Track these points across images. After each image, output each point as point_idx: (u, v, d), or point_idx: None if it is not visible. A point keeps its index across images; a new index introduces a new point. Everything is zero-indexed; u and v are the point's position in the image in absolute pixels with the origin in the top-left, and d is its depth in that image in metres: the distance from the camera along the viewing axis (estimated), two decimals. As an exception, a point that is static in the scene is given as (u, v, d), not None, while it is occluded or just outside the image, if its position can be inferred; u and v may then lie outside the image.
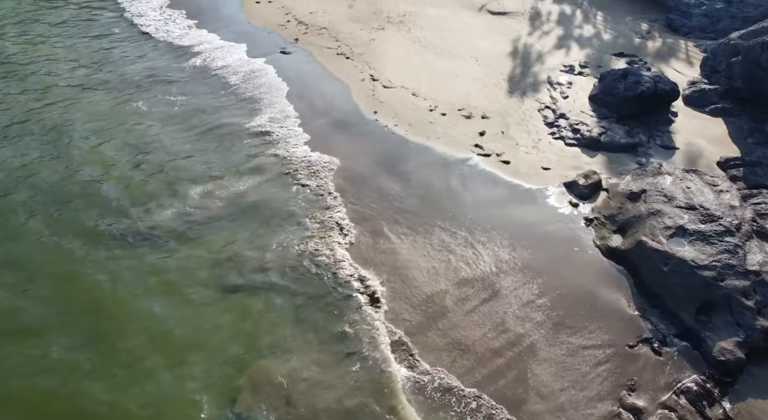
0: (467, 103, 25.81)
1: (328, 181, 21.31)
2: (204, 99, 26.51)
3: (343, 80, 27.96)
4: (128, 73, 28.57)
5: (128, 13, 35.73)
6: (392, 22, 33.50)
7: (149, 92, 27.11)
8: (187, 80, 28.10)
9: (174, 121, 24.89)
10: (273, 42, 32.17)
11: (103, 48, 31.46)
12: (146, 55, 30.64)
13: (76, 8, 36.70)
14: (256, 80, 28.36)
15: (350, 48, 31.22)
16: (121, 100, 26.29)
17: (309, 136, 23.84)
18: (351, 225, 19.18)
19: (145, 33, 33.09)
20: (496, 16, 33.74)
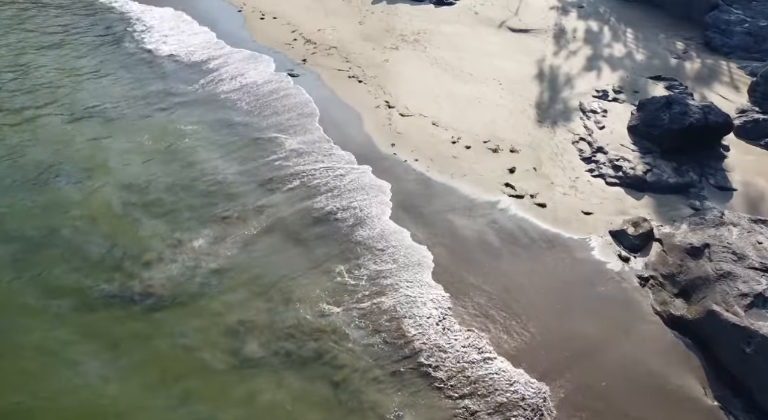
0: (493, 133, 23.59)
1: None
2: (207, 132, 24.32)
3: (356, 107, 25.73)
4: (118, 102, 26.55)
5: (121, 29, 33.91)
6: (406, 41, 31.36)
7: (144, 121, 25.11)
8: (184, 106, 25.98)
9: (170, 156, 22.77)
10: (279, 63, 30.10)
11: (91, 67, 29.49)
12: (141, 78, 28.60)
13: (76, 16, 34.89)
14: (259, 108, 26.32)
15: (362, 70, 29.06)
16: (117, 130, 24.26)
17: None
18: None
19: (134, 53, 31.22)
20: (517, 33, 31.57)
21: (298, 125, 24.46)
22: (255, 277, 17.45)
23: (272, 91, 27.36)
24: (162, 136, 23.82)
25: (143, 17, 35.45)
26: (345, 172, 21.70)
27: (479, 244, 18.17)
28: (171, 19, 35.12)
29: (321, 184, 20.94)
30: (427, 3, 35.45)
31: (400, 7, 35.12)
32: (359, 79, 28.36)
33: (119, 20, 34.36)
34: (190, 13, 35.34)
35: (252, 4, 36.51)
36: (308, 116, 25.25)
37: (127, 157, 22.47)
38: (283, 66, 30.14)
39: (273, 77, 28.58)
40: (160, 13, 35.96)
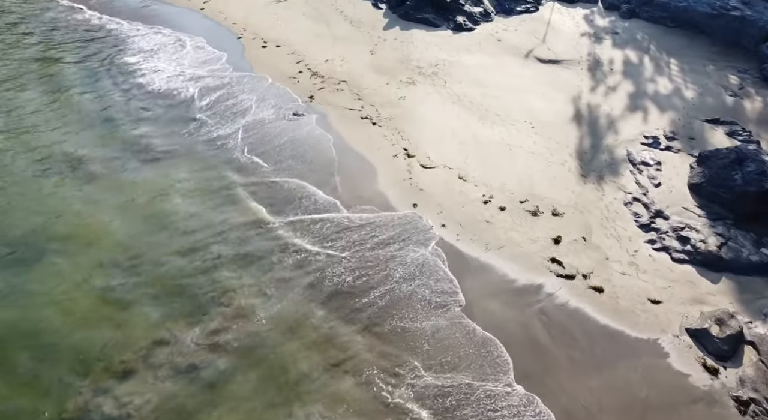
0: (530, 190, 20.46)
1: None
2: (197, 192, 21.14)
3: (370, 157, 22.58)
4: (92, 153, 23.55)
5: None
6: (424, 74, 28.31)
7: (129, 176, 22.04)
8: (172, 158, 22.71)
9: (160, 222, 19.64)
10: (283, 100, 27.04)
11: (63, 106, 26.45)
12: (122, 122, 25.41)
13: (68, 41, 32.07)
14: (258, 162, 23.07)
15: (376, 109, 26.02)
16: (99, 187, 21.21)
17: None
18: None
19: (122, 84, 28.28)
20: (546, 64, 28.47)
21: (301, 184, 21.51)
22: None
23: (275, 135, 24.23)
24: (151, 196, 20.65)
25: (134, 45, 32.85)
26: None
27: (527, 345, 14.97)
28: (159, 48, 32.48)
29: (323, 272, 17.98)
30: (444, 29, 32.45)
31: (415, 34, 32.11)
32: (373, 120, 25.29)
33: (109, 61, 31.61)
34: (176, 44, 32.48)
35: (252, 30, 33.58)
36: (315, 170, 22.22)
37: (111, 223, 19.40)
38: (288, 104, 27.18)
39: (275, 118, 25.58)
40: (150, 41, 33.44)
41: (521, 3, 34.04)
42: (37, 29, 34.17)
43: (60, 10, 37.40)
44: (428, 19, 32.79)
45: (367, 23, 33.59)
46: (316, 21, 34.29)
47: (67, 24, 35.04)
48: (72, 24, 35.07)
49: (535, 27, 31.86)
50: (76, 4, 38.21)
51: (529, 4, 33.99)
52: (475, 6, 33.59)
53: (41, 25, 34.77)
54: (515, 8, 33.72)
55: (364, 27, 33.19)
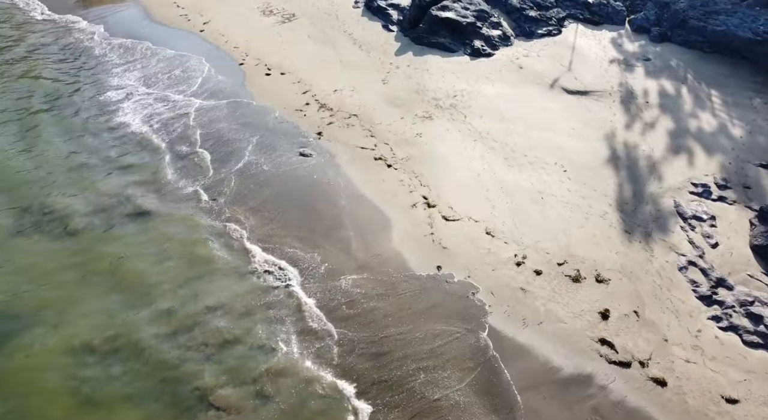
0: (568, 250, 18.18)
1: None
2: (187, 257, 18.91)
3: (384, 207, 20.25)
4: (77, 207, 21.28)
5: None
6: (441, 107, 26.07)
7: (112, 233, 19.79)
8: (157, 218, 20.29)
9: (142, 298, 17.32)
10: (288, 137, 24.78)
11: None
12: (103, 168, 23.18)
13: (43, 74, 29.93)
14: (265, 217, 20.61)
15: (390, 148, 23.78)
16: (76, 250, 18.95)
17: (333, 350, 16.22)
18: None
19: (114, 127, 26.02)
20: (574, 96, 26.18)
21: (304, 243, 19.09)
22: None
23: (278, 181, 21.70)
24: (131, 260, 18.26)
25: (124, 74, 30.62)
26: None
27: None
28: (152, 76, 30.23)
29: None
30: (461, 54, 30.24)
31: (430, 60, 29.90)
32: (388, 162, 23.00)
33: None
34: (172, 72, 30.03)
35: (255, 55, 31.39)
36: (322, 228, 19.73)
37: (88, 294, 17.03)
38: (294, 140, 25.03)
39: (279, 160, 23.11)
40: (143, 67, 31.20)
41: (542, 25, 31.87)
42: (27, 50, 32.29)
43: (54, 28, 35.52)
44: (443, 43, 30.62)
45: (377, 47, 31.43)
46: (322, 44, 32.14)
47: (57, 45, 33.08)
48: (62, 45, 33.10)
49: (558, 52, 29.64)
50: (72, 23, 36.34)
51: (551, 26, 31.82)
52: (494, 29, 31.43)
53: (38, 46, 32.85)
54: (536, 31, 31.54)
55: (375, 52, 31.02)
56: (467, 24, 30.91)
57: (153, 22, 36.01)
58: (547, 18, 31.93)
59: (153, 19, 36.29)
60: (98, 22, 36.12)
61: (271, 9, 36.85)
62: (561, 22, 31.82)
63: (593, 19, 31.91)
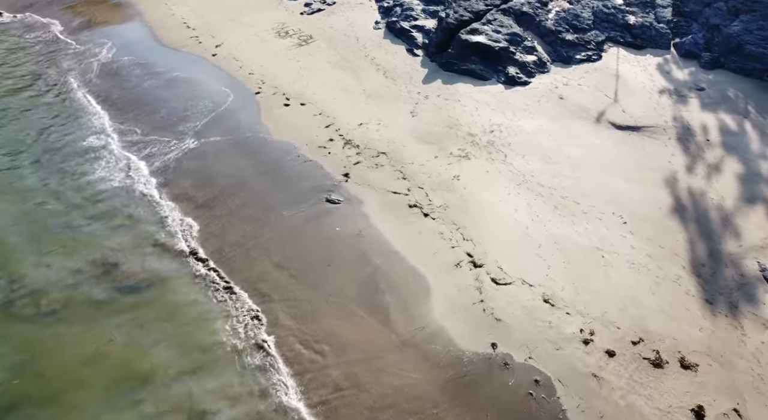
0: (641, 324, 15.83)
1: None
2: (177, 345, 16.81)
3: (425, 269, 17.92)
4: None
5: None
6: (478, 144, 23.80)
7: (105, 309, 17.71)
8: (136, 293, 18.19)
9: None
10: (313, 180, 22.45)
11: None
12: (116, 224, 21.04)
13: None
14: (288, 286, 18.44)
15: (426, 193, 21.57)
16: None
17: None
18: None
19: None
20: (624, 132, 23.83)
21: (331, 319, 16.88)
22: None
23: (309, 233, 19.57)
24: (122, 347, 16.20)
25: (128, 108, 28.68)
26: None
27: None
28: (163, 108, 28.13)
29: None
30: (494, 82, 28.01)
31: (461, 89, 27.66)
32: (424, 210, 20.78)
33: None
34: (180, 104, 27.82)
35: (272, 83, 29.22)
36: (356, 292, 17.55)
37: (76, 391, 14.93)
38: (319, 183, 22.83)
39: (304, 207, 21.09)
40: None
41: (580, 49, 29.65)
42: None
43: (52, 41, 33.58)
44: (474, 70, 28.40)
45: (402, 74, 29.26)
46: (344, 71, 29.99)
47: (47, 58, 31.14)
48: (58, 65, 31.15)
49: (601, 80, 27.34)
50: (70, 41, 34.43)
51: (590, 50, 29.57)
52: (528, 54, 29.24)
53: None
54: (574, 56, 29.32)
55: (400, 79, 28.83)
56: (500, 49, 28.70)
57: (162, 45, 34.00)
58: (585, 41, 29.71)
59: (162, 42, 34.29)
60: (101, 46, 34.21)
61: (287, 31, 34.78)
62: (600, 45, 29.56)
63: (635, 42, 29.65)
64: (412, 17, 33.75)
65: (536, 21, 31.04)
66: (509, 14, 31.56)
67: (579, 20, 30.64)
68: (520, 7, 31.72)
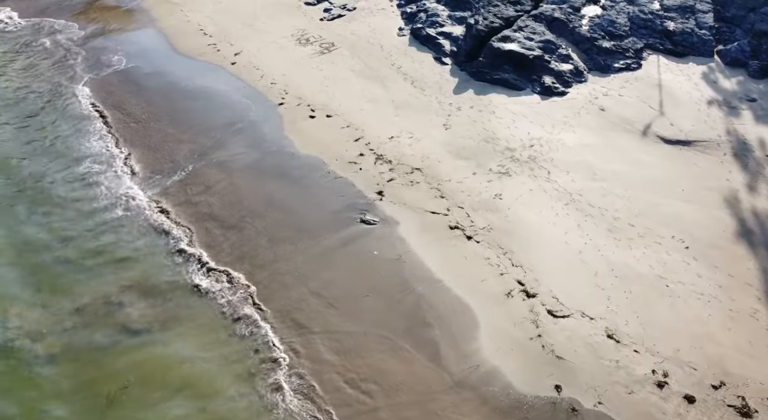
0: (719, 364, 14.37)
1: None
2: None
3: (473, 298, 16.58)
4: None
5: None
6: (518, 160, 22.44)
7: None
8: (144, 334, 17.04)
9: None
10: (345, 198, 21.08)
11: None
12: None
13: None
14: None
15: (467, 214, 20.24)
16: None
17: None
18: None
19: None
20: (674, 146, 22.37)
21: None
22: None
23: (345, 258, 18.34)
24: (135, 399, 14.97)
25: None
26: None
27: None
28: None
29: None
30: (529, 92, 26.64)
31: (495, 100, 26.34)
32: (466, 232, 19.43)
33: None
34: (194, 112, 26.65)
35: (295, 93, 27.91)
36: (401, 324, 16.23)
37: None
38: (352, 202, 21.57)
39: (338, 228, 19.75)
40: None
41: (618, 57, 28.30)
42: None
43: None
44: (508, 79, 27.08)
45: (431, 84, 27.95)
46: (369, 80, 28.70)
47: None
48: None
49: (643, 90, 25.96)
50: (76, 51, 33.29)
51: (629, 58, 28.23)
52: (563, 63, 27.91)
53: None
54: (612, 64, 27.97)
55: (430, 89, 27.52)
56: (534, 57, 27.34)
57: (178, 53, 32.79)
58: (622, 49, 28.34)
59: (177, 50, 33.09)
60: (114, 53, 33.03)
61: (308, 37, 33.53)
62: (639, 53, 28.17)
63: (676, 49, 28.27)
64: (438, 24, 32.46)
65: (569, 27, 29.70)
66: (541, 20, 30.23)
67: (615, 26, 29.28)
68: (552, 12, 30.39)
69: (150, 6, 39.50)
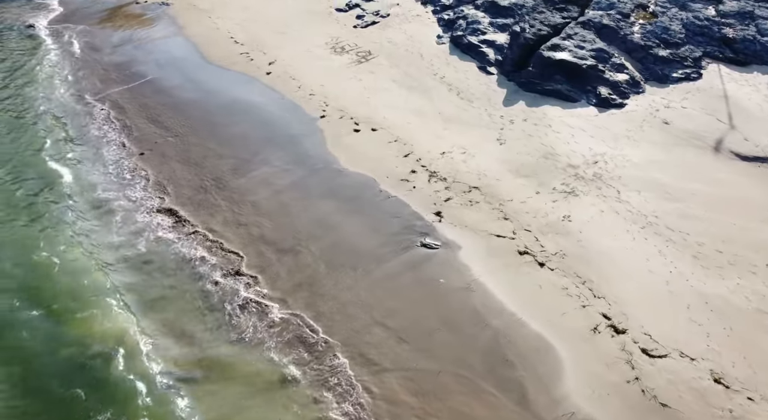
0: None
1: None
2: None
3: (555, 333, 15.16)
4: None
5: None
6: (583, 177, 21.08)
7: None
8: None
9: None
10: (401, 220, 19.67)
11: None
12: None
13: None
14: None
15: (535, 238, 18.84)
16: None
17: None
18: None
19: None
20: (751, 163, 20.83)
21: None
22: None
23: (410, 285, 16.98)
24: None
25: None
26: None
27: None
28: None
29: None
30: (585, 104, 25.22)
31: (548, 112, 24.98)
32: (537, 258, 18.10)
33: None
34: (235, 126, 25.34)
35: (336, 105, 26.60)
36: (479, 362, 14.77)
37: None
38: (409, 224, 20.24)
39: (395, 252, 18.44)
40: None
41: (676, 67, 26.91)
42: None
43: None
44: (561, 91, 25.72)
45: (479, 95, 26.62)
46: (412, 91, 27.40)
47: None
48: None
49: (707, 102, 24.55)
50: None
51: (687, 68, 26.83)
52: (618, 72, 26.54)
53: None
54: (670, 74, 26.59)
55: (478, 101, 26.19)
56: (587, 67, 26.01)
57: (208, 63, 31.62)
58: (680, 57, 26.94)
59: (208, 60, 31.94)
60: (142, 64, 31.95)
61: (342, 46, 32.34)
62: (697, 62, 26.80)
63: (737, 58, 26.83)
64: (479, 31, 31.15)
65: (620, 35, 28.28)
66: (589, 28, 28.85)
67: (669, 34, 27.87)
68: (600, 19, 29.01)
69: (176, 13, 38.53)
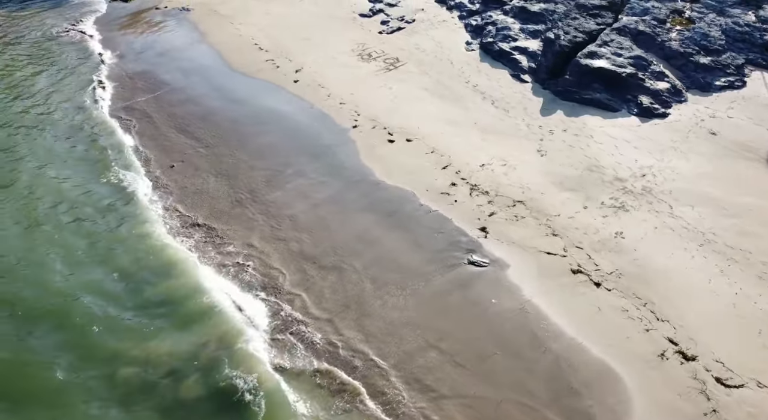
0: None
1: None
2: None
3: (619, 359, 14.38)
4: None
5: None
6: (632, 192, 20.27)
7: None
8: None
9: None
10: (444, 236, 18.89)
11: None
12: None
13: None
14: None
15: (588, 256, 18.01)
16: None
17: None
18: None
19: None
20: (808, 177, 20.49)
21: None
22: None
23: (459, 307, 16.19)
24: None
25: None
26: None
27: None
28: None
29: None
30: (626, 113, 24.40)
31: (589, 122, 24.21)
32: (593, 278, 17.34)
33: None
34: (264, 136, 24.58)
35: (368, 115, 25.79)
36: (542, 390, 13.99)
37: None
38: (454, 240, 19.50)
39: (440, 270, 17.64)
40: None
41: (719, 74, 26.13)
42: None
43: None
44: (600, 100, 24.97)
45: (514, 104, 25.91)
46: (445, 100, 26.71)
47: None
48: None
49: (755, 112, 23.65)
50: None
51: (730, 75, 26.03)
52: (659, 81, 25.80)
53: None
54: (713, 82, 25.82)
55: (514, 110, 25.47)
56: (627, 75, 25.29)
57: (233, 70, 31.01)
58: (722, 65, 26.16)
59: (232, 67, 31.34)
60: (167, 71, 31.38)
61: (369, 53, 31.66)
62: (740, 69, 26.05)
63: (781, 66, 26.31)
64: (510, 38, 30.46)
65: (657, 41, 27.53)
66: (625, 34, 28.12)
67: (709, 40, 27.11)
68: (636, 25, 28.27)
69: (197, 19, 37.96)
